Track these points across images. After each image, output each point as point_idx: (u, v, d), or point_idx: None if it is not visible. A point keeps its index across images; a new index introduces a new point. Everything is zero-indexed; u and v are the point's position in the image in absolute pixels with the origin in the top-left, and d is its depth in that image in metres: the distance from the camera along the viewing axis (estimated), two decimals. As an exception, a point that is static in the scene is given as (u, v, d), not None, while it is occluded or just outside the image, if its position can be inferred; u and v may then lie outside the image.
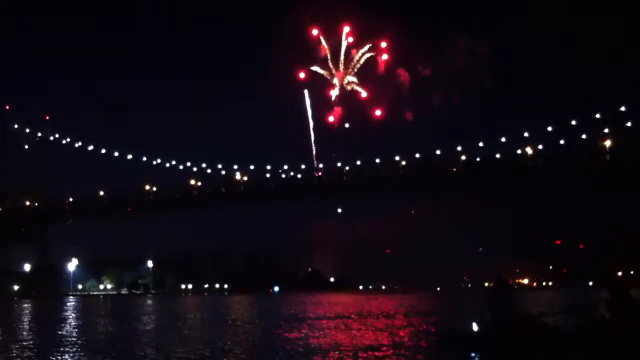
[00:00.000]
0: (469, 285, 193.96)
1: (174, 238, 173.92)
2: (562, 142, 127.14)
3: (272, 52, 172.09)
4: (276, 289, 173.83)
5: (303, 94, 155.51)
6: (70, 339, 32.75)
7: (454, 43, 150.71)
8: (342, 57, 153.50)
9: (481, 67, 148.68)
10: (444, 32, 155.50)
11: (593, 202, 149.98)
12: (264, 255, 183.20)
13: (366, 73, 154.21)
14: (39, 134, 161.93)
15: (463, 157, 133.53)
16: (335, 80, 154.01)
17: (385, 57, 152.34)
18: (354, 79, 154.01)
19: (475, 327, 21.32)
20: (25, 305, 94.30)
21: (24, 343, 30.62)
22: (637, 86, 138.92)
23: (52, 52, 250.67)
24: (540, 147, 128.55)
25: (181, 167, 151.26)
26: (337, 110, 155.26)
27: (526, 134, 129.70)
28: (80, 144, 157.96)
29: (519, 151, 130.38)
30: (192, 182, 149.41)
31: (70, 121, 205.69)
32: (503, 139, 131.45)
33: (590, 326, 20.65)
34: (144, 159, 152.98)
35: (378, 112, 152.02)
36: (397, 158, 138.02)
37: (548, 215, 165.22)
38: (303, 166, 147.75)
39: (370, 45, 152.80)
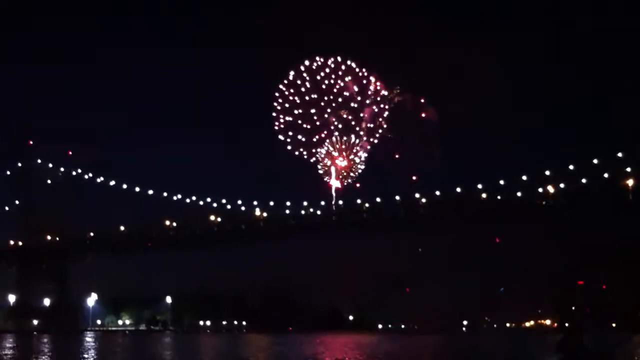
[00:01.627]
0: (495, 326, 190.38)
1: (193, 274, 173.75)
2: (584, 181, 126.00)
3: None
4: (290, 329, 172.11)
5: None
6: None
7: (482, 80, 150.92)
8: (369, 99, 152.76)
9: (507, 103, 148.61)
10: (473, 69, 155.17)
11: (616, 241, 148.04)
12: (282, 293, 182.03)
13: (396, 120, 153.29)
14: (62, 169, 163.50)
15: (484, 195, 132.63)
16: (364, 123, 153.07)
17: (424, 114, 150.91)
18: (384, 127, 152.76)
19: None
20: (45, 340, 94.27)
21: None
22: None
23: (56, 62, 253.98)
24: (562, 185, 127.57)
25: (201, 202, 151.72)
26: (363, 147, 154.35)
27: (547, 172, 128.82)
28: (102, 179, 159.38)
29: (540, 189, 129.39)
30: (212, 218, 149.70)
31: (92, 154, 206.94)
32: (524, 177, 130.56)
33: None
34: (165, 194, 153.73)
35: (414, 178, 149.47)
36: (417, 195, 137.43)
37: (570, 255, 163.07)
38: (322, 202, 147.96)
39: (398, 90, 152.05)
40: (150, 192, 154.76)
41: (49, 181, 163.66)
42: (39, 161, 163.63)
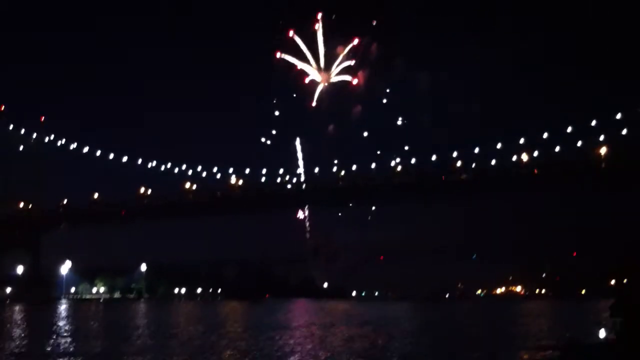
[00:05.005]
0: (477, 293, 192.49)
1: (168, 243, 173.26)
2: (557, 148, 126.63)
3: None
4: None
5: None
6: (62, 347, 32.32)
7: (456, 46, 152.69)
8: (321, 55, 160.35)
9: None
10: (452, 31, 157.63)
11: (588, 209, 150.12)
12: (258, 262, 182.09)
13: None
14: (34, 136, 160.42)
15: (459, 164, 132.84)
16: (315, 75, 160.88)
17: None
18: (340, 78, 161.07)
19: (602, 333, 19.79)
20: (17, 309, 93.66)
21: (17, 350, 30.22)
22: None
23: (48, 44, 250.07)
24: (535, 154, 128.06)
25: (176, 170, 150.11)
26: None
27: (522, 141, 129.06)
28: (75, 145, 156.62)
29: (514, 158, 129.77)
30: (187, 185, 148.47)
31: (65, 121, 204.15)
32: (499, 146, 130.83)
33: None
34: (139, 161, 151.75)
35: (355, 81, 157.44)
36: (392, 164, 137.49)
37: (542, 223, 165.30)
38: (298, 171, 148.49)
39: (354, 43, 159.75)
40: (124, 159, 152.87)
41: (21, 148, 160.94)
42: (11, 127, 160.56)
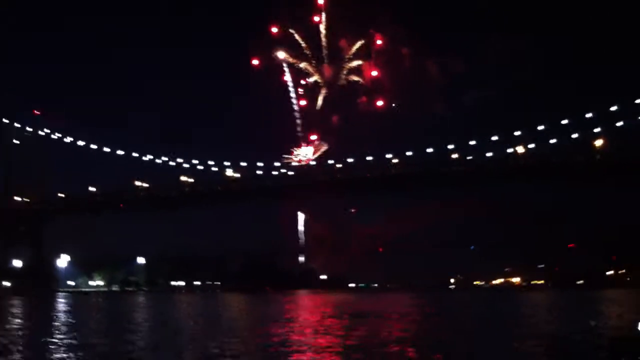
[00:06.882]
0: (483, 283, 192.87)
1: (166, 235, 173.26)
2: (553, 141, 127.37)
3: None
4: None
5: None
6: (67, 340, 32.72)
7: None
8: (324, 49, 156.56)
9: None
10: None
11: (584, 200, 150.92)
12: (257, 253, 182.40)
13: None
14: (30, 129, 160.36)
15: (455, 155, 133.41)
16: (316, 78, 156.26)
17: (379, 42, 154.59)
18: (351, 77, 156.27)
19: None
20: (16, 301, 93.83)
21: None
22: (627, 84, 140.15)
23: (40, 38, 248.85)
24: (531, 146, 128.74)
25: (172, 163, 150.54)
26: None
27: (517, 133, 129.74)
28: (71, 139, 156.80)
29: (510, 150, 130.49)
30: (184, 178, 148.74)
31: (60, 113, 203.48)
32: (495, 138, 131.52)
33: None
34: (135, 154, 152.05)
35: (380, 103, 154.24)
36: (389, 156, 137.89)
37: (539, 214, 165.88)
38: (294, 163, 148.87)
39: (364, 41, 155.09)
40: (121, 152, 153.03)
41: (16, 142, 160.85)
42: (6, 121, 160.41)
